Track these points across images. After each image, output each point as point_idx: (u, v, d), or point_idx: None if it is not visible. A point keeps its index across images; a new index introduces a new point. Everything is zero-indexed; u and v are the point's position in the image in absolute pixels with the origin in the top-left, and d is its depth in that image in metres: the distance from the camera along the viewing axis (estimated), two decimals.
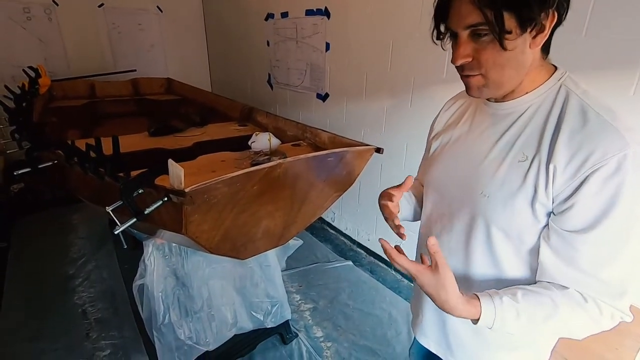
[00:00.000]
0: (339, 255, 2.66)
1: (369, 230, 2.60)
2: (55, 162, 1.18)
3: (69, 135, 2.21)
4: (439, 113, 0.88)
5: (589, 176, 0.55)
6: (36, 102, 2.28)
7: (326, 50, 2.51)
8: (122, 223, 0.75)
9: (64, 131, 2.23)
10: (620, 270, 0.58)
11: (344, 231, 2.85)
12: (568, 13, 0.58)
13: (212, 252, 1.02)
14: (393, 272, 2.46)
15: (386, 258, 0.81)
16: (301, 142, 1.64)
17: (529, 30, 0.55)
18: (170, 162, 0.73)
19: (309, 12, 2.56)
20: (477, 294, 0.61)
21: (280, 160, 0.89)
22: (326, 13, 2.42)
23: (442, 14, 0.61)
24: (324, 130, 1.50)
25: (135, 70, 3.29)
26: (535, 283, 0.65)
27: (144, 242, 1.46)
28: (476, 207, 0.68)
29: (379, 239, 0.64)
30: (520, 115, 0.65)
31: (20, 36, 3.09)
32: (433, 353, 0.87)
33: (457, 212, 0.73)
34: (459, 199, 0.72)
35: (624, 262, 0.57)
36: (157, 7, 3.70)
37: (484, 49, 0.58)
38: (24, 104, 1.81)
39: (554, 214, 0.61)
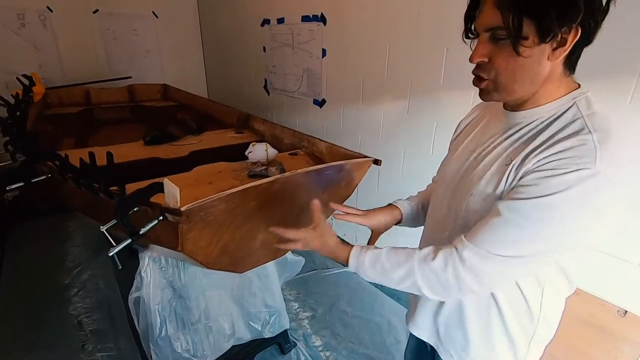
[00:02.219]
0: (337, 262, 2.64)
1: (367, 237, 2.59)
2: (49, 175, 1.16)
3: (64, 144, 2.19)
4: (466, 116, 0.90)
5: (548, 170, 0.56)
6: (30, 111, 2.26)
7: (323, 56, 2.50)
8: (116, 242, 0.73)
9: (58, 139, 2.21)
10: (502, 246, 0.59)
11: (342, 238, 2.83)
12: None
13: (209, 268, 1.01)
14: None
15: None
16: (298, 151, 1.63)
17: (548, 41, 0.55)
18: (166, 181, 0.72)
19: (305, 18, 2.56)
20: (354, 245, 0.74)
21: (279, 176, 0.88)
22: (322, 19, 2.42)
23: (471, 15, 0.63)
24: (322, 140, 1.50)
25: (130, 77, 3.27)
26: None
27: (139, 254, 1.44)
28: (464, 205, 0.71)
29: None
30: (526, 126, 0.65)
31: (14, 43, 3.07)
32: (424, 352, 0.91)
33: (451, 211, 0.76)
34: (455, 197, 0.75)
35: (514, 249, 0.59)
36: (153, 12, 3.69)
37: (500, 52, 0.59)
38: (18, 114, 1.79)
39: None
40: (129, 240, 0.71)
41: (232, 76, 3.72)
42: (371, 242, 0.99)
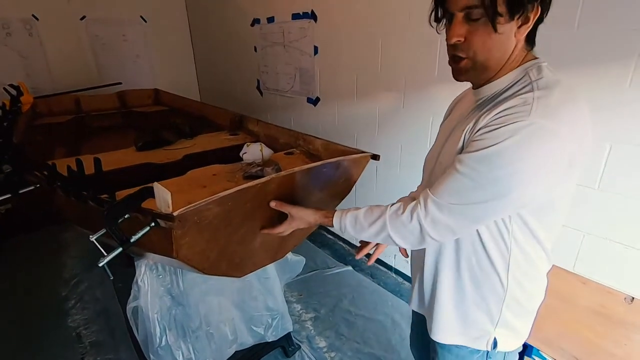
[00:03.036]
0: (338, 261, 2.61)
1: None
2: (38, 185, 1.12)
3: (56, 154, 2.14)
4: (454, 99, 0.94)
5: (492, 126, 0.62)
6: (19, 121, 2.21)
7: (315, 54, 2.47)
8: (107, 252, 0.70)
9: (49, 149, 2.16)
10: (455, 196, 0.65)
11: (341, 236, 2.81)
12: (558, 10, 0.64)
13: (206, 274, 0.98)
14: (394, 275, 2.43)
15: (386, 262, 0.98)
16: (294, 149, 1.60)
17: (516, 17, 0.61)
18: (156, 185, 0.68)
19: (296, 16, 2.52)
20: (335, 210, 0.84)
21: (273, 175, 0.85)
22: (313, 16, 2.39)
23: None
24: (317, 137, 1.46)
25: (120, 83, 3.22)
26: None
27: (135, 262, 1.40)
28: (434, 174, 0.78)
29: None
30: (487, 98, 0.70)
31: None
32: (422, 325, 0.95)
33: (427, 181, 0.84)
34: (430, 170, 0.83)
35: (467, 195, 0.64)
36: (141, 17, 3.64)
37: (476, 31, 0.63)
38: (5, 125, 1.74)
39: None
40: (120, 249, 0.67)
41: (224, 78, 3.68)
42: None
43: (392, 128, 2.13)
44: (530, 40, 0.67)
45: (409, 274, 2.37)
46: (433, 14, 0.69)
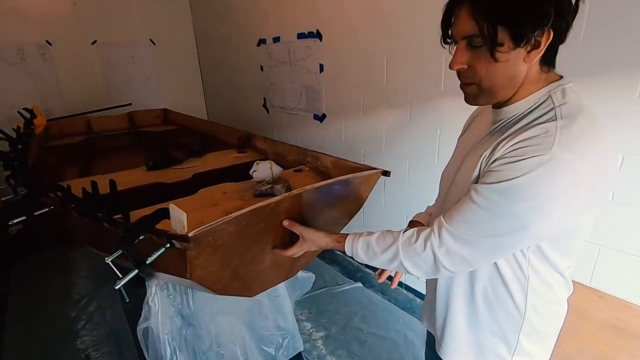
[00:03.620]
0: (347, 277, 2.58)
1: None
2: (52, 207, 1.14)
3: (67, 174, 2.18)
4: (472, 113, 0.93)
5: (512, 157, 0.59)
6: (32, 143, 2.26)
7: (320, 72, 2.51)
8: (123, 273, 0.70)
9: (61, 170, 2.20)
10: (470, 227, 0.63)
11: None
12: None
13: (219, 294, 0.98)
14: (405, 291, 2.39)
15: None
16: (303, 166, 1.60)
17: (522, 45, 0.58)
18: (172, 206, 0.69)
19: (301, 36, 2.58)
20: (348, 235, 0.83)
21: (286, 194, 0.85)
22: (318, 35, 2.44)
23: (447, 22, 0.66)
24: (326, 154, 1.47)
25: (130, 104, 3.29)
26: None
27: (146, 282, 1.40)
28: (448, 195, 0.77)
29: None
30: (506, 121, 0.68)
31: (14, 77, 3.11)
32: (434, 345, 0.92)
33: (442, 198, 0.82)
34: (445, 187, 0.81)
35: (485, 229, 0.62)
36: (150, 40, 3.74)
37: (479, 59, 0.62)
38: (19, 147, 1.78)
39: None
40: (136, 271, 0.67)
41: (231, 97, 3.74)
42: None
43: (399, 143, 2.14)
44: (549, 61, 0.64)
45: (420, 290, 2.33)
46: (442, 37, 0.69)
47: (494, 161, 0.63)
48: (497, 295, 0.73)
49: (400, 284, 2.41)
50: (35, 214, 1.11)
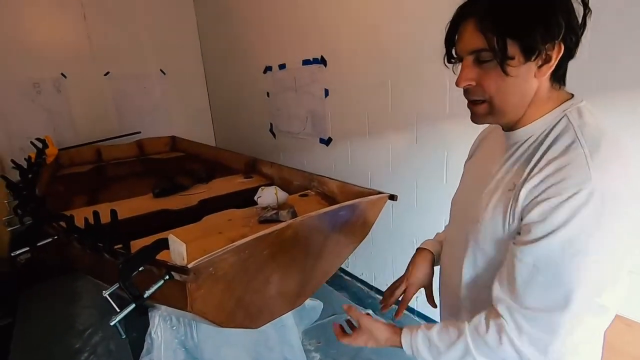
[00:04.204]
0: (358, 304, 2.50)
1: (386, 275, 2.47)
2: (56, 237, 1.13)
3: (76, 203, 2.19)
4: (478, 135, 0.88)
5: (550, 200, 0.55)
6: (43, 173, 2.30)
7: (325, 96, 2.54)
8: (121, 307, 0.67)
9: (70, 199, 2.22)
10: (541, 298, 0.56)
11: (359, 277, 2.71)
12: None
13: (222, 326, 0.93)
14: (417, 318, 2.29)
15: (409, 305, 0.92)
16: (309, 191, 1.59)
17: (533, 59, 0.56)
18: (171, 237, 0.67)
19: (306, 62, 2.63)
20: (402, 327, 0.72)
21: (290, 221, 0.83)
22: (322, 61, 2.48)
23: (451, 40, 0.63)
24: (332, 179, 1.45)
25: (139, 132, 3.35)
26: None
27: (149, 313, 1.37)
28: (470, 232, 0.69)
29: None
30: (521, 145, 0.64)
31: (29, 110, 3.20)
32: None
33: (460, 240, 0.74)
34: (461, 222, 0.74)
35: (561, 294, 0.55)
36: (161, 70, 3.86)
37: (487, 74, 0.59)
38: (29, 176, 1.81)
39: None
40: (132, 306, 0.65)
41: (239, 122, 3.80)
42: (428, 297, 0.93)
43: (406, 165, 2.11)
44: (559, 77, 0.61)
45: (432, 316, 2.23)
46: (446, 56, 0.66)
47: (529, 206, 0.57)
48: None
49: (412, 310, 2.31)
50: (39, 244, 1.10)
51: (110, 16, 3.48)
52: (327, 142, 2.65)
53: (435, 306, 0.91)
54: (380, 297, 2.61)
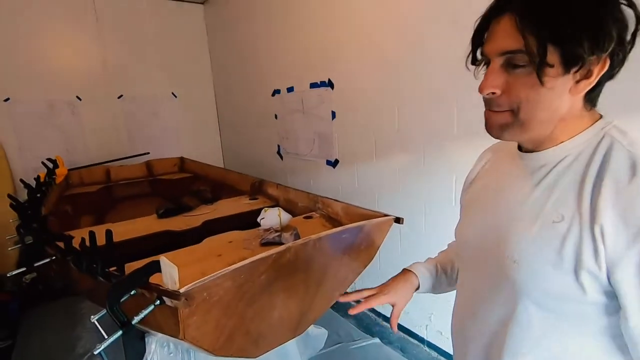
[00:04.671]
0: (364, 332, 2.40)
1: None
2: (53, 258, 1.11)
3: (82, 223, 2.19)
4: (473, 167, 0.80)
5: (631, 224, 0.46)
6: (52, 192, 2.32)
7: (332, 119, 2.54)
8: (107, 335, 0.64)
9: (77, 219, 2.22)
10: None
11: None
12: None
13: (218, 355, 0.88)
14: (427, 348, 2.18)
15: (417, 333, 0.83)
16: (313, 213, 1.55)
17: (572, 71, 0.49)
18: (162, 258, 0.64)
19: (313, 85, 2.66)
20: None
21: (290, 244, 0.79)
22: (330, 84, 2.50)
23: (480, 36, 0.56)
24: (337, 200, 1.42)
25: (148, 153, 3.40)
26: None
27: (146, 338, 1.32)
28: (505, 274, 0.58)
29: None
30: (554, 167, 0.56)
31: (43, 131, 3.29)
32: None
33: (484, 278, 0.64)
34: (486, 262, 0.63)
35: None
36: (172, 93, 3.95)
37: (517, 82, 0.52)
38: (37, 196, 1.82)
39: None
40: (119, 333, 0.61)
41: (247, 144, 3.83)
42: (393, 317, 0.84)
43: (414, 187, 2.07)
44: (593, 98, 0.54)
45: (443, 347, 2.12)
46: (470, 56, 0.59)
47: (613, 238, 0.48)
48: None
49: (423, 340, 2.20)
50: (36, 264, 1.08)
51: (125, 41, 3.61)
52: (333, 164, 2.64)
53: (396, 331, 0.84)
54: (388, 326, 2.52)
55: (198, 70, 4.11)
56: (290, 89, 2.94)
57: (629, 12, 0.49)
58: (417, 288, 0.86)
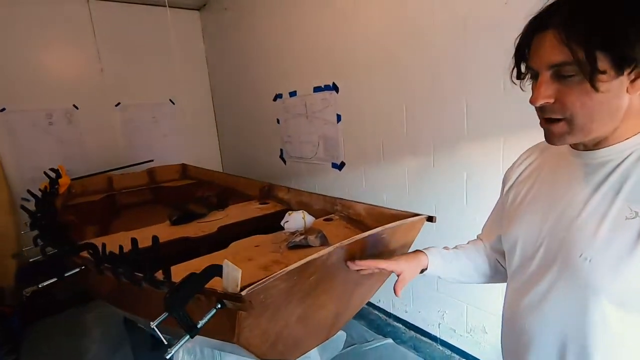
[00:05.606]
0: (376, 333, 2.42)
1: (405, 301, 2.40)
2: (83, 267, 1.10)
3: (87, 232, 2.16)
4: (513, 165, 0.81)
5: None
6: (56, 202, 2.27)
7: (338, 122, 2.57)
8: (174, 340, 0.64)
9: (81, 228, 2.18)
10: None
11: (377, 304, 2.63)
12: None
13: (261, 359, 0.89)
14: (440, 347, 2.21)
15: (430, 332, 0.80)
16: (333, 216, 1.56)
17: (626, 72, 0.50)
18: (227, 262, 0.65)
19: (317, 89, 2.68)
20: None
21: (338, 245, 0.80)
22: (334, 88, 2.53)
23: (523, 52, 0.58)
24: (359, 202, 1.44)
25: (152, 161, 3.37)
26: None
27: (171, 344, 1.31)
28: (576, 273, 0.58)
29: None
30: (620, 163, 0.57)
31: (41, 140, 3.23)
32: None
33: (550, 278, 0.63)
34: (551, 261, 0.63)
35: None
36: (170, 100, 3.93)
37: (570, 90, 0.54)
38: (46, 206, 1.79)
39: None
40: (187, 337, 0.61)
41: (247, 150, 3.82)
42: (398, 283, 0.81)
43: (424, 188, 2.10)
44: None
45: (456, 344, 2.15)
46: (514, 71, 0.61)
47: None
48: None
49: (435, 338, 2.23)
50: (67, 274, 1.07)
51: (122, 49, 3.58)
52: (339, 166, 2.66)
53: (398, 295, 0.79)
54: (400, 326, 2.53)
55: (195, 77, 4.10)
56: (292, 94, 2.95)
57: None
58: (425, 269, 0.85)
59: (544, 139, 0.64)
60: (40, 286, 0.98)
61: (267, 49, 3.16)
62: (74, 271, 1.08)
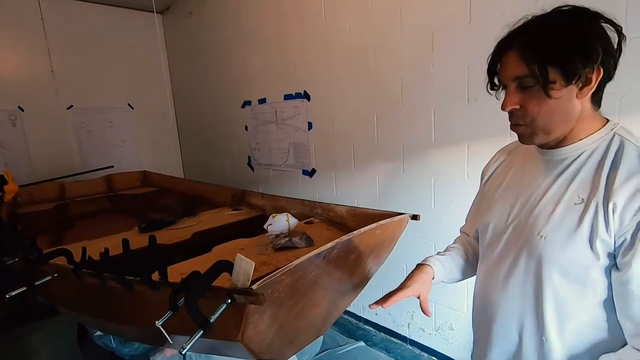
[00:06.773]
0: (347, 337, 2.45)
1: None
2: (55, 275, 1.02)
3: (38, 244, 1.98)
4: (489, 162, 0.93)
5: None
6: (2, 211, 2.07)
7: (309, 129, 2.61)
8: (188, 337, 0.62)
9: (32, 239, 2.00)
10: None
11: (347, 309, 2.67)
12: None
13: (257, 358, 0.88)
14: (410, 346, 2.29)
15: (400, 332, 0.85)
16: (312, 219, 1.59)
17: (574, 82, 0.62)
18: (239, 256, 0.65)
19: (288, 97, 2.71)
20: None
21: (337, 240, 0.83)
22: (306, 96, 2.57)
23: (494, 68, 0.71)
24: (339, 204, 1.48)
25: (112, 167, 3.17)
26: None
27: (150, 357, 1.24)
28: (533, 249, 0.71)
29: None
30: (574, 160, 0.69)
31: None
32: None
33: (514, 256, 0.75)
34: (515, 242, 0.75)
35: None
36: (129, 104, 3.74)
37: (531, 98, 0.66)
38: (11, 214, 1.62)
39: (617, 266, 0.63)
40: (201, 332, 0.60)
41: (212, 157, 3.73)
42: (423, 305, 0.88)
43: (394, 193, 2.20)
44: (598, 99, 0.67)
45: (425, 343, 2.24)
46: (489, 84, 0.73)
47: (625, 221, 0.60)
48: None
49: (405, 339, 2.31)
50: (37, 283, 0.98)
51: (74, 49, 3.37)
52: (310, 173, 2.69)
53: (429, 315, 0.88)
54: (370, 329, 2.57)
55: (156, 81, 3.95)
56: (262, 101, 2.95)
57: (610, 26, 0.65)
58: (433, 277, 0.92)
59: (507, 144, 0.80)
60: (7, 296, 0.90)
61: (234, 55, 3.14)
62: (45, 279, 1.00)
